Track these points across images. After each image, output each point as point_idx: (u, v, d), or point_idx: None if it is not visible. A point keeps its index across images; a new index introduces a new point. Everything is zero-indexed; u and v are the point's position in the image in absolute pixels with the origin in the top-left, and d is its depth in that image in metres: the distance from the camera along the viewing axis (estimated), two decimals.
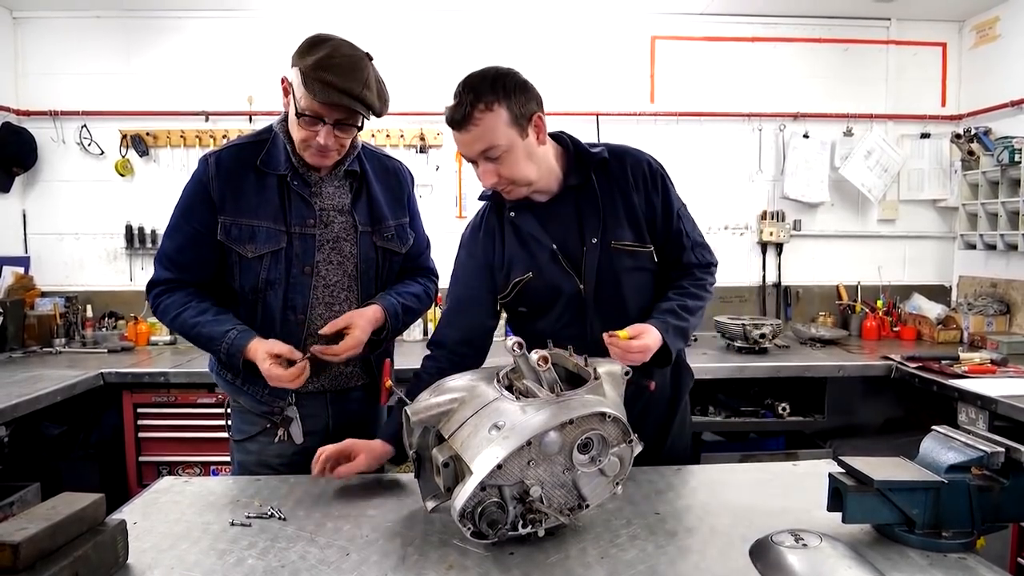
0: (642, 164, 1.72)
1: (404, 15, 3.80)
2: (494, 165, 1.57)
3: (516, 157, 1.56)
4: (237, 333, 1.62)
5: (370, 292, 1.80)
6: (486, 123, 1.52)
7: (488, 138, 1.53)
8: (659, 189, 1.72)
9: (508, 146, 1.54)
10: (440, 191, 3.89)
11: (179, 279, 1.70)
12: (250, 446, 1.77)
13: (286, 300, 1.70)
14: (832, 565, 1.04)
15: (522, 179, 1.59)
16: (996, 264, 3.77)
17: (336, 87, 1.51)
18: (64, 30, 3.77)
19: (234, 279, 1.70)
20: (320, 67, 1.51)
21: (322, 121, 1.57)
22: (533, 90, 1.61)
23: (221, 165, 1.67)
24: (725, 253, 4.03)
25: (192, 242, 1.68)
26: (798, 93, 3.97)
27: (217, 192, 1.66)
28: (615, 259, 1.67)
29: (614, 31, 3.90)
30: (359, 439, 1.57)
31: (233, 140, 1.77)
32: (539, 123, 1.60)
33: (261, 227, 1.67)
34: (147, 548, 1.23)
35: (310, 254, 1.70)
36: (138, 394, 3.00)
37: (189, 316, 1.66)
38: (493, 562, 1.17)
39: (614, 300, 1.69)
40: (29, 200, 3.84)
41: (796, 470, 1.63)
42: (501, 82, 1.54)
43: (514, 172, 1.58)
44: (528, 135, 1.58)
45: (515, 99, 1.55)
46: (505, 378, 1.35)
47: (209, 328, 1.64)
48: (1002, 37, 3.72)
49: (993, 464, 1.18)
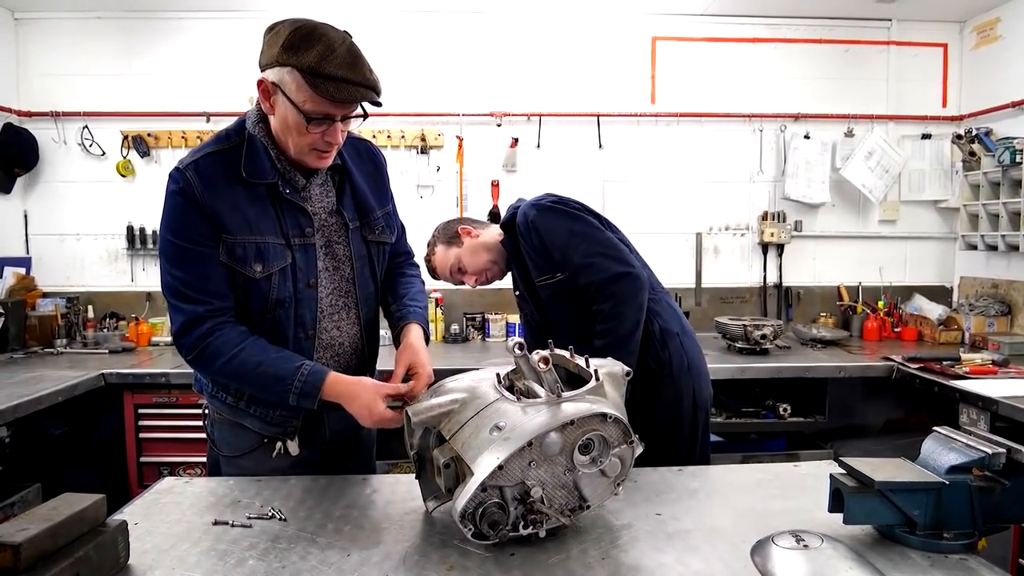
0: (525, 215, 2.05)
1: (405, 16, 3.80)
2: (464, 274, 2.24)
3: (466, 262, 2.21)
4: (310, 368, 1.49)
5: (368, 292, 1.70)
6: (436, 261, 2.27)
7: (444, 269, 2.25)
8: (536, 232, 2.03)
9: (456, 259, 2.22)
10: (441, 192, 3.90)
11: (220, 308, 1.51)
12: (243, 462, 1.67)
13: (296, 318, 1.58)
14: (833, 566, 1.04)
15: (484, 265, 2.20)
16: (997, 265, 3.77)
17: (351, 81, 1.38)
18: (66, 31, 3.78)
19: (239, 301, 1.55)
20: (325, 63, 1.36)
21: (332, 120, 1.45)
22: (452, 220, 2.33)
23: (203, 175, 1.48)
24: (726, 254, 4.06)
25: (210, 263, 1.49)
26: (799, 94, 3.97)
27: (209, 207, 1.47)
28: (542, 292, 2.10)
29: (615, 32, 3.91)
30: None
31: (200, 148, 1.54)
32: (463, 230, 2.23)
33: (267, 244, 1.52)
34: (148, 549, 1.23)
35: (313, 266, 1.58)
36: (139, 395, 3.00)
37: (248, 356, 1.48)
38: (494, 563, 1.17)
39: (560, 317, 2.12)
40: (31, 201, 3.85)
41: (797, 471, 1.63)
42: (432, 235, 2.30)
43: (475, 266, 2.21)
44: (460, 243, 2.21)
45: (438, 232, 2.28)
46: (506, 379, 1.35)
47: (276, 366, 1.48)
48: (1003, 38, 3.72)
49: (994, 465, 1.18)
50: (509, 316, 3.77)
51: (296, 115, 1.43)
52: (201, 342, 1.49)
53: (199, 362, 1.53)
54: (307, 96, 1.40)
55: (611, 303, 1.91)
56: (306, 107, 1.41)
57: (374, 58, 1.52)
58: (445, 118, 3.83)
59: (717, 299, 4.04)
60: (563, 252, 1.98)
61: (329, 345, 1.66)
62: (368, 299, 1.71)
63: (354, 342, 1.70)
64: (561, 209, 2.04)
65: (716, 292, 4.04)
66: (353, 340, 1.70)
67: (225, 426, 1.68)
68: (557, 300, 2.07)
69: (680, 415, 1.99)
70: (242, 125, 1.56)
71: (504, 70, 3.86)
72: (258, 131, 1.53)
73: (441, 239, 2.24)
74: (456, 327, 3.80)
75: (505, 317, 3.80)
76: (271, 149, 1.53)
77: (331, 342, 1.66)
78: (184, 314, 1.49)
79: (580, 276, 1.96)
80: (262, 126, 1.54)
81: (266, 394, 1.54)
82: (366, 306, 1.71)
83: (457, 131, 3.84)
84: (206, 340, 1.49)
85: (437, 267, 2.25)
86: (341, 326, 1.67)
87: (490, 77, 3.84)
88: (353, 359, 1.71)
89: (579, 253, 1.96)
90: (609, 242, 2.00)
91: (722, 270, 4.06)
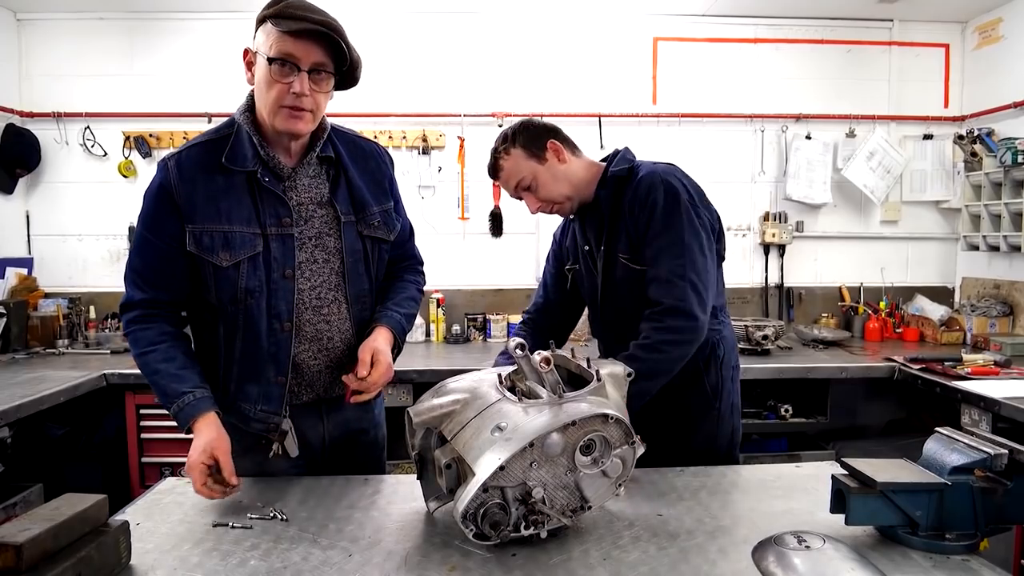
0: (643, 189, 1.79)
1: (406, 17, 3.79)
2: (531, 194, 1.88)
3: (544, 182, 1.86)
4: (194, 399, 1.49)
5: (361, 289, 1.67)
6: (509, 165, 1.87)
7: (515, 176, 1.87)
8: (651, 213, 1.76)
9: (533, 176, 1.85)
10: (443, 192, 3.89)
11: (155, 299, 1.56)
12: (243, 462, 1.61)
13: (270, 309, 1.56)
14: (835, 567, 1.04)
15: (556, 198, 1.88)
16: (999, 265, 3.76)
17: (308, 18, 1.43)
18: (68, 32, 3.79)
19: (210, 292, 1.55)
20: (288, 7, 1.44)
21: (297, 68, 1.46)
22: (541, 125, 1.93)
23: (183, 168, 1.51)
24: (728, 254, 4.04)
25: (163, 256, 1.54)
26: (800, 94, 3.97)
27: (183, 198, 1.50)
28: (618, 268, 1.86)
29: (616, 33, 3.91)
30: None
31: (193, 139, 1.59)
32: (553, 147, 1.86)
33: (234, 232, 1.52)
34: (150, 549, 1.23)
35: (290, 256, 1.56)
36: (141, 395, 3.00)
37: (153, 360, 1.53)
38: (495, 563, 1.17)
39: (618, 304, 1.89)
40: (32, 201, 3.85)
41: (799, 472, 1.63)
42: (512, 130, 1.89)
43: (549, 194, 1.87)
44: (547, 159, 1.85)
45: (526, 136, 1.87)
46: (507, 380, 1.35)
47: (166, 382, 1.51)
48: (1005, 38, 3.71)
49: (997, 466, 1.18)
50: (510, 317, 3.76)
51: (265, 66, 1.47)
52: (128, 327, 1.58)
53: (128, 343, 1.61)
54: (273, 39, 1.45)
55: (662, 335, 1.68)
56: (271, 51, 1.45)
57: (375, 59, 1.52)
58: (447, 119, 3.83)
59: None
60: (656, 253, 1.75)
61: (315, 339, 1.62)
62: (361, 295, 1.68)
63: (345, 338, 1.66)
64: (687, 215, 1.76)
65: None
66: (344, 336, 1.66)
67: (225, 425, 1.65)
68: (628, 285, 1.83)
69: (717, 449, 1.90)
70: (233, 118, 1.60)
71: (505, 71, 3.86)
72: (244, 119, 1.56)
73: (521, 143, 1.85)
74: (457, 327, 3.80)
75: (506, 318, 3.80)
76: (255, 136, 1.55)
77: (317, 335, 1.62)
78: (125, 295, 1.59)
79: (651, 289, 1.74)
80: (248, 115, 1.57)
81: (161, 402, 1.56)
82: (358, 303, 1.67)
83: (459, 131, 3.84)
84: (131, 327, 1.57)
85: (503, 171, 1.88)
86: (330, 320, 1.63)
87: (491, 78, 3.84)
88: (344, 355, 1.67)
89: (670, 266, 1.72)
90: (703, 275, 1.75)
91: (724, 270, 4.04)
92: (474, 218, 3.86)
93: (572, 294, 2.07)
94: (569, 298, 2.09)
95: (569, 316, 2.15)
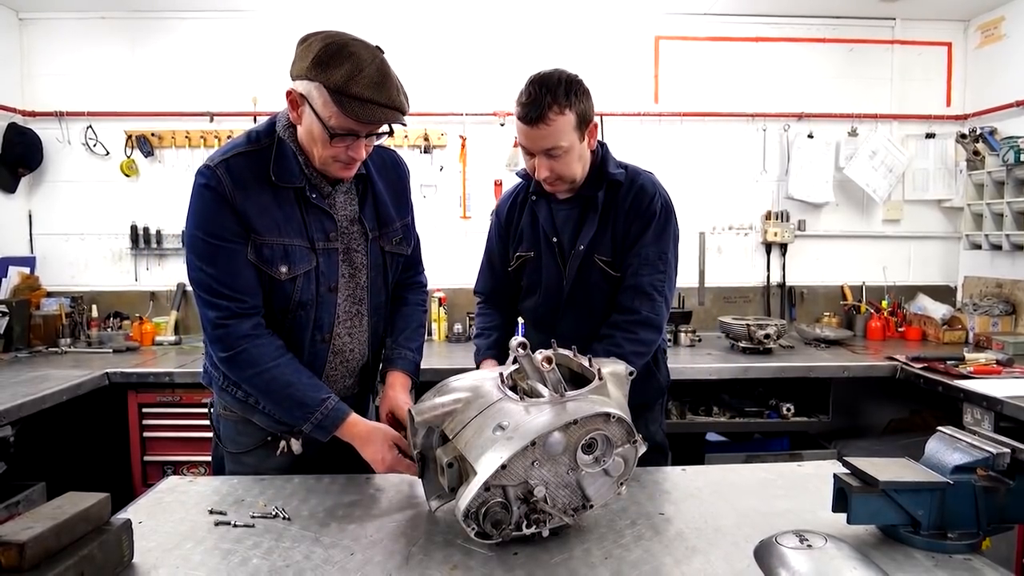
0: (646, 198, 1.81)
1: (408, 16, 3.80)
2: (551, 161, 1.71)
3: (572, 158, 1.72)
4: (334, 404, 1.53)
5: (379, 301, 1.72)
6: (557, 125, 1.65)
7: (555, 138, 1.67)
8: (647, 223, 1.79)
9: (569, 147, 1.70)
10: (444, 192, 3.90)
11: (253, 305, 1.52)
12: (246, 459, 1.69)
13: (315, 321, 1.60)
14: (837, 566, 1.04)
15: (570, 177, 1.76)
16: (1001, 264, 3.76)
17: (376, 103, 1.39)
18: (69, 31, 3.79)
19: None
20: (352, 83, 1.37)
21: (356, 136, 1.46)
22: (591, 105, 1.74)
23: (234, 174, 1.48)
24: (730, 253, 4.05)
25: (241, 260, 1.50)
26: (802, 93, 3.96)
27: (240, 204, 1.48)
28: (592, 270, 1.83)
29: (618, 31, 3.90)
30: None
31: (230, 147, 1.54)
32: (593, 130, 1.76)
33: (294, 246, 1.54)
34: (152, 547, 1.23)
35: (334, 271, 1.61)
36: (143, 394, 3.01)
37: (281, 373, 1.51)
38: (497, 562, 1.17)
39: (585, 303, 1.87)
40: (35, 200, 3.86)
41: (801, 471, 1.62)
42: (574, 88, 1.68)
43: (567, 170, 1.74)
44: (584, 139, 1.74)
45: (583, 105, 1.70)
46: (509, 379, 1.35)
47: (303, 392, 1.51)
48: (1007, 37, 3.71)
49: (999, 465, 1.17)
50: None
51: (321, 129, 1.44)
52: (239, 344, 1.50)
53: (231, 363, 1.53)
54: (332, 112, 1.40)
55: (634, 347, 1.73)
56: (331, 123, 1.42)
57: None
58: (448, 118, 3.83)
59: (720, 299, 4.04)
60: (642, 262, 1.78)
61: (340, 351, 1.68)
62: (379, 308, 1.73)
63: (362, 350, 1.72)
64: (674, 232, 1.84)
65: (719, 292, 4.04)
66: (362, 348, 1.72)
67: (231, 422, 1.70)
68: (599, 288, 1.84)
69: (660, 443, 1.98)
70: (271, 128, 1.57)
71: (507, 69, 3.84)
72: (288, 136, 1.54)
73: (579, 110, 1.68)
74: (459, 326, 3.80)
75: None
76: (299, 155, 1.54)
77: (342, 348, 1.68)
78: (219, 311, 1.50)
79: (627, 295, 1.78)
80: (291, 131, 1.55)
81: (282, 414, 1.56)
82: (376, 314, 1.73)
83: (460, 131, 3.84)
84: (243, 345, 1.50)
85: (549, 126, 1.65)
86: (353, 333, 1.69)
87: (493, 76, 3.83)
88: (359, 367, 1.73)
89: (651, 278, 1.78)
90: (673, 291, 1.84)
91: (725, 269, 4.05)
92: (476, 217, 3.86)
93: (515, 276, 2.00)
94: (513, 279, 2.02)
95: (515, 296, 2.07)
